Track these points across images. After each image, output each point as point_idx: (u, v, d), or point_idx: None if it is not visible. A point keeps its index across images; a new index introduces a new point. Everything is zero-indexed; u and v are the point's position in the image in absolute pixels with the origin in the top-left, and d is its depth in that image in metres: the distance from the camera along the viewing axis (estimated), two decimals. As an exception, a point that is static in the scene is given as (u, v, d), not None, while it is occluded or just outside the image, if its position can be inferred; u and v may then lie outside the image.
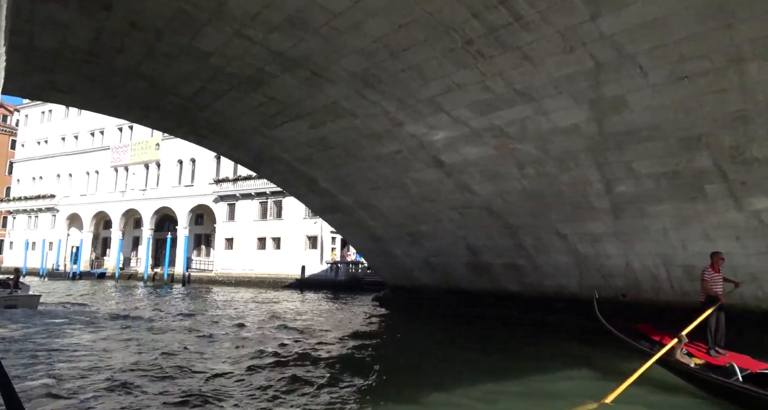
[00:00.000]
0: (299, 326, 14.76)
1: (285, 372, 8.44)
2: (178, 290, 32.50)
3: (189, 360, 9.41)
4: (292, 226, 35.08)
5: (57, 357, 9.42)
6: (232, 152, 16.58)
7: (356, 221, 18.25)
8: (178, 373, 8.22)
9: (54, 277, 43.89)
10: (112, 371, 8.28)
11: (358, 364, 9.75)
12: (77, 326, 14.01)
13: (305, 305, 23.82)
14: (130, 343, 11.33)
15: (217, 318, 16.79)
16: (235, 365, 9.08)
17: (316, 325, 15.44)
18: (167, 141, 43.02)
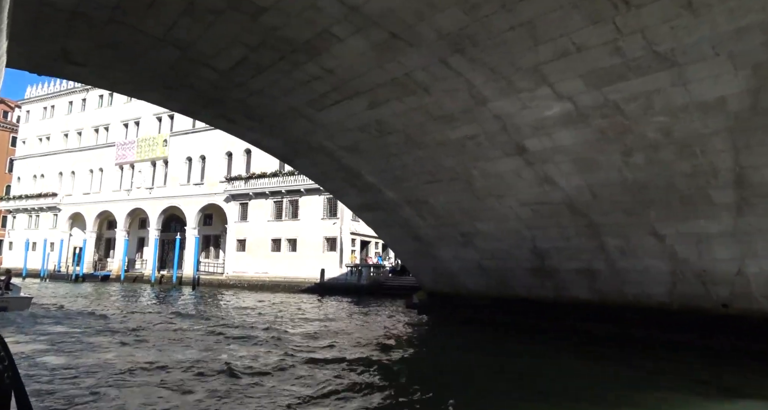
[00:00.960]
0: (339, 339, 12.82)
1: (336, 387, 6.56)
2: (188, 294, 30.48)
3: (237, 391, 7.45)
4: (309, 227, 33.11)
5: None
6: (263, 141, 14.60)
7: (399, 220, 16.28)
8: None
9: (55, 279, 41.85)
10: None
11: (413, 380, 7.91)
12: (75, 335, 12.05)
13: (331, 311, 21.83)
14: (137, 356, 9.38)
15: (244, 325, 14.84)
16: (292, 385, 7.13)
17: (357, 337, 13.48)
18: (176, 137, 41.09)
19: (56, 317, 17.27)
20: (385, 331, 15.49)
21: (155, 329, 14.01)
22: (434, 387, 8.12)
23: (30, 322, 14.80)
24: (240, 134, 14.49)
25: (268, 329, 14.29)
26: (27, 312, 16.50)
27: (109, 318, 16.71)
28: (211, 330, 13.77)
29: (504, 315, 16.23)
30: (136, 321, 15.88)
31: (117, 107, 46.07)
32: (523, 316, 15.71)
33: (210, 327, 14.43)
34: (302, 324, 16.30)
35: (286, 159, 15.56)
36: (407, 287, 29.34)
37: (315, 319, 17.87)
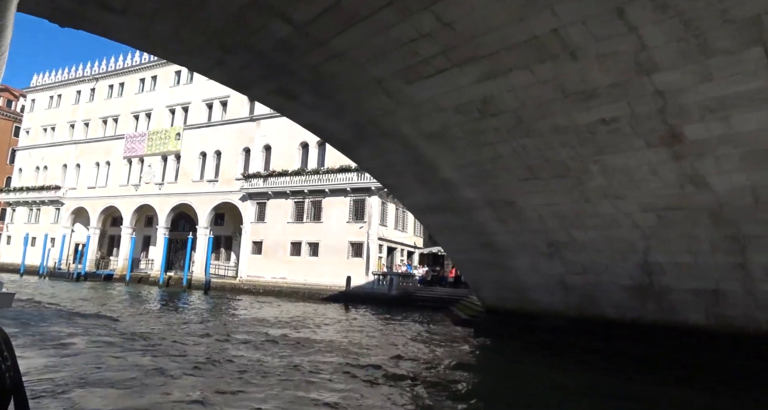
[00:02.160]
0: (402, 369, 10.42)
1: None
2: (201, 299, 28.01)
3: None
4: (332, 230, 30.71)
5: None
6: (325, 123, 12.24)
7: (471, 225, 13.94)
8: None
9: (55, 277, 39.31)
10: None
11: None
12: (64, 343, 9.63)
13: (366, 326, 19.40)
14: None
15: (274, 341, 12.43)
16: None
17: (426, 368, 11.07)
18: (190, 131, 38.79)
19: (49, 319, 14.87)
20: (458, 364, 13.04)
21: (169, 349, 11.57)
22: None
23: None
24: (296, 114, 12.13)
25: (315, 349, 11.89)
26: (5, 310, 15.53)
27: (112, 322, 14.29)
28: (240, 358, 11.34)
29: (586, 339, 13.87)
30: (145, 331, 13.45)
31: (127, 98, 43.80)
32: (609, 341, 13.37)
33: (239, 352, 12.00)
34: (345, 345, 13.87)
35: (346, 147, 13.19)
36: (439, 299, 27.02)
37: (358, 341, 15.44)
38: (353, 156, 13.66)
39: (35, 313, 17.13)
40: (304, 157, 33.45)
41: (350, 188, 30.30)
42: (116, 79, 45.14)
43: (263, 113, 35.38)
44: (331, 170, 31.05)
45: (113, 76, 45.36)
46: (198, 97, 39.14)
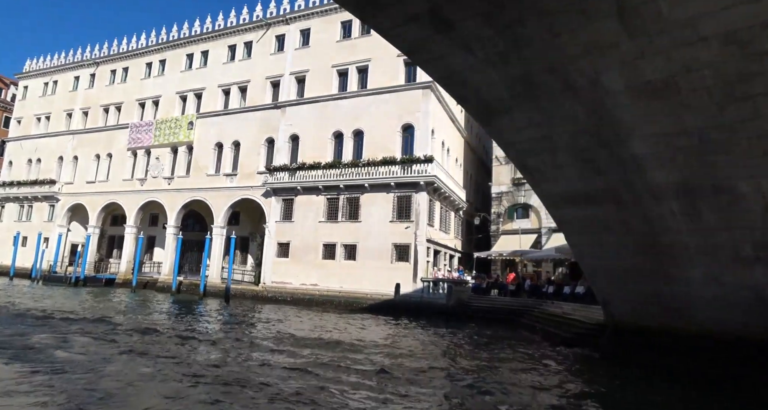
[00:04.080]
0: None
1: None
2: (222, 312, 24.16)
3: None
4: (373, 230, 27.01)
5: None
6: (473, 71, 8.48)
7: (636, 221, 10.40)
8: None
9: (50, 281, 35.15)
10: None
11: None
12: None
13: (434, 343, 15.78)
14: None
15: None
16: None
17: None
18: (203, 120, 34.93)
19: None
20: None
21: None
22: None
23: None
24: (435, 57, 8.41)
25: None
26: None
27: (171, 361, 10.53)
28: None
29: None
30: (207, 373, 9.71)
31: (132, 84, 39.79)
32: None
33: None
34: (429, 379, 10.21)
35: (488, 111, 9.48)
36: (502, 310, 23.42)
37: (456, 373, 11.77)
38: (493, 124, 9.98)
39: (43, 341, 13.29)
40: (338, 148, 29.74)
41: (394, 182, 26.64)
42: (119, 63, 41.11)
43: (289, 100, 31.63)
44: (373, 162, 27.36)
45: (116, 61, 41.33)
46: (213, 83, 35.30)
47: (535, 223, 29.40)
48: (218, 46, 35.79)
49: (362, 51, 29.87)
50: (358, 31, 30.22)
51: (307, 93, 31.19)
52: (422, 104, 27.62)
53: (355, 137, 29.28)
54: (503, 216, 31.02)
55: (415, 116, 27.61)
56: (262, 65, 33.40)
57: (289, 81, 32.07)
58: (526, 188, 30.08)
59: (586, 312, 18.10)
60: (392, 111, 28.19)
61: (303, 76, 31.67)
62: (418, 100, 27.75)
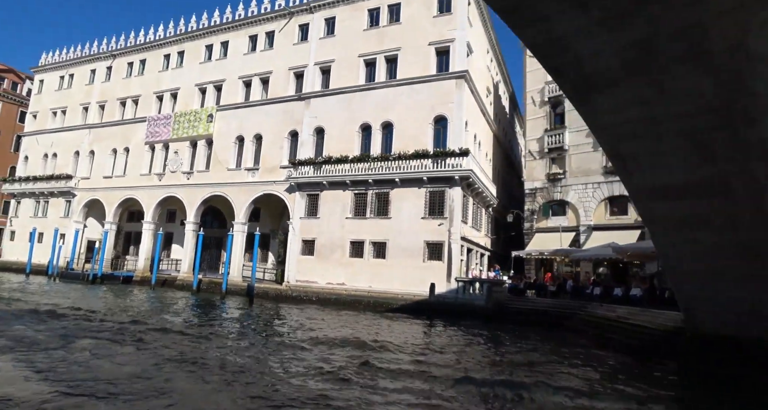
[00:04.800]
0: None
1: None
2: (250, 312, 23.00)
3: None
4: (404, 227, 25.69)
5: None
6: (580, 35, 7.11)
7: (744, 219, 9.00)
8: None
9: (67, 278, 34.24)
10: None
11: None
12: None
13: (482, 351, 14.44)
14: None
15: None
16: None
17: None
18: (224, 112, 33.80)
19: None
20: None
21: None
22: None
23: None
24: (547, 14, 6.97)
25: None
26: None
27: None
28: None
29: None
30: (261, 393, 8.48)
31: (150, 76, 38.76)
32: None
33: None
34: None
35: (587, 86, 8.03)
36: (544, 313, 21.98)
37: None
38: (590, 103, 8.57)
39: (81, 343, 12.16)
40: (365, 141, 28.43)
41: (427, 177, 25.29)
42: (136, 55, 40.09)
43: (314, 91, 30.36)
44: (404, 155, 26.00)
45: (133, 53, 40.32)
46: (233, 74, 34.12)
47: (572, 220, 27.91)
48: (239, 36, 34.61)
49: (391, 40, 28.51)
50: (387, 19, 28.87)
51: (333, 84, 29.89)
52: (456, 95, 26.22)
53: (383, 129, 27.95)
54: (537, 213, 29.55)
55: (448, 107, 26.22)
56: (284, 56, 32.16)
57: (313, 72, 30.79)
58: (562, 184, 28.60)
59: (647, 317, 16.65)
60: (424, 102, 26.82)
61: (328, 67, 30.37)
62: (452, 90, 26.34)
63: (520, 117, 50.51)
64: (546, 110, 30.26)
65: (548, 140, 29.40)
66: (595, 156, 27.35)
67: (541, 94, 30.56)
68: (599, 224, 26.70)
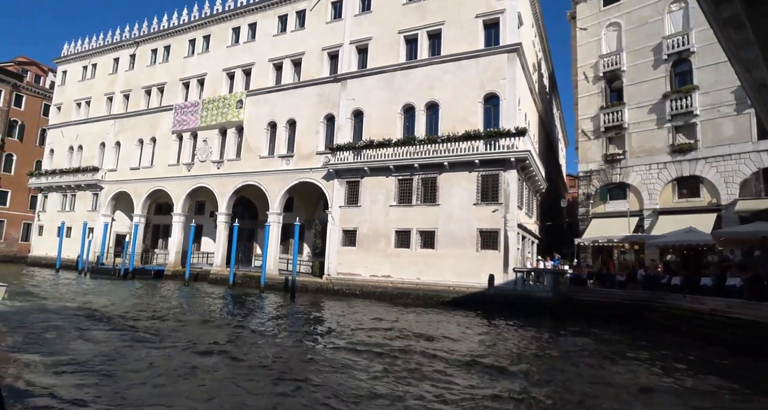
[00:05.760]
0: None
1: None
2: (294, 307, 21.51)
3: None
4: (454, 215, 23.88)
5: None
6: None
7: None
8: None
9: (98, 273, 33.19)
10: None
11: None
12: None
13: (576, 355, 12.61)
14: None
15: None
16: None
17: None
18: (254, 97, 32.20)
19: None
20: None
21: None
22: None
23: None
24: None
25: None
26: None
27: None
28: None
29: None
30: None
31: (175, 63, 37.29)
32: None
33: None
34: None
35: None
36: (616, 305, 20.01)
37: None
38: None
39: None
40: (408, 123, 26.56)
41: (479, 160, 23.37)
42: (160, 42, 38.65)
43: (350, 72, 28.52)
44: (453, 137, 24.10)
45: (157, 39, 38.89)
46: (263, 57, 32.43)
47: (634, 204, 25.74)
48: (267, 17, 32.85)
49: (433, 13, 26.48)
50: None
51: (371, 63, 28.00)
52: (508, 71, 24.16)
53: (428, 110, 26.03)
54: (594, 198, 27.44)
55: (500, 84, 24.17)
56: (317, 35, 30.33)
57: (348, 51, 28.92)
58: (621, 166, 26.42)
59: (755, 311, 14.62)
60: (472, 79, 24.82)
61: (365, 45, 28.47)
62: (503, 66, 24.28)
63: (557, 97, 48.08)
64: (600, 85, 27.98)
65: (604, 118, 27.17)
66: (660, 134, 25.09)
67: (594, 69, 28.27)
68: (666, 207, 24.52)
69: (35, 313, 15.44)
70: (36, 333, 12.24)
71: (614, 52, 27.40)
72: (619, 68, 26.94)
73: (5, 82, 49.24)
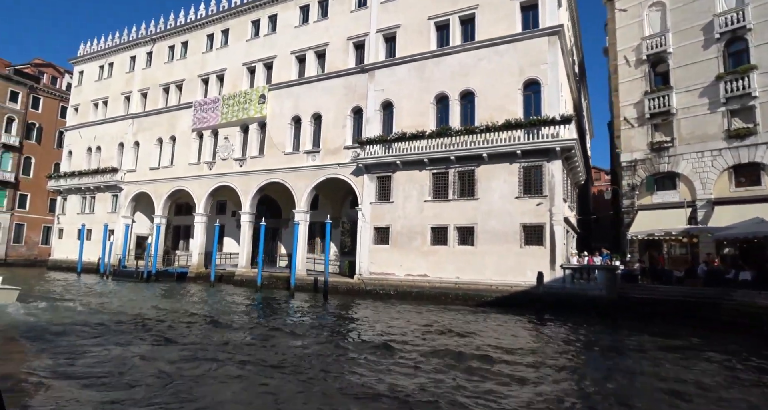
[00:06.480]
0: None
1: None
2: (330, 309, 20.30)
3: None
4: (494, 209, 22.49)
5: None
6: None
7: None
8: None
9: (120, 276, 32.36)
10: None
11: None
12: None
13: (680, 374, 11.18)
14: None
15: None
16: None
17: None
18: (276, 91, 31.05)
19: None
20: None
21: None
22: None
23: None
24: None
25: None
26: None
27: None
28: None
29: None
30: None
31: (193, 59, 36.29)
32: None
33: None
34: None
35: None
36: (673, 303, 18.50)
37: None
38: None
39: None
40: (441, 114, 25.19)
41: (520, 151, 21.94)
42: (177, 38, 37.69)
43: (378, 61, 27.21)
44: (493, 127, 22.68)
45: (173, 36, 37.93)
46: (285, 50, 31.25)
47: (685, 195, 24.10)
48: (288, 8, 31.66)
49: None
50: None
51: (399, 52, 26.66)
52: (549, 55, 22.67)
53: (462, 99, 24.64)
54: (639, 189, 25.83)
55: (541, 70, 22.70)
56: (341, 25, 29.06)
57: (375, 40, 27.60)
58: (670, 154, 24.77)
59: None
60: (510, 65, 23.37)
61: (393, 34, 27.14)
62: (544, 50, 22.79)
63: (585, 86, 46.37)
64: (644, 69, 26.31)
65: (649, 103, 25.52)
66: (713, 118, 23.41)
67: (636, 53, 26.60)
68: (722, 197, 22.86)
69: (73, 319, 14.39)
70: (65, 338, 11.15)
71: (658, 34, 25.73)
72: (664, 50, 25.27)
73: (22, 85, 48.77)
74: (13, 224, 47.91)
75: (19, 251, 48.18)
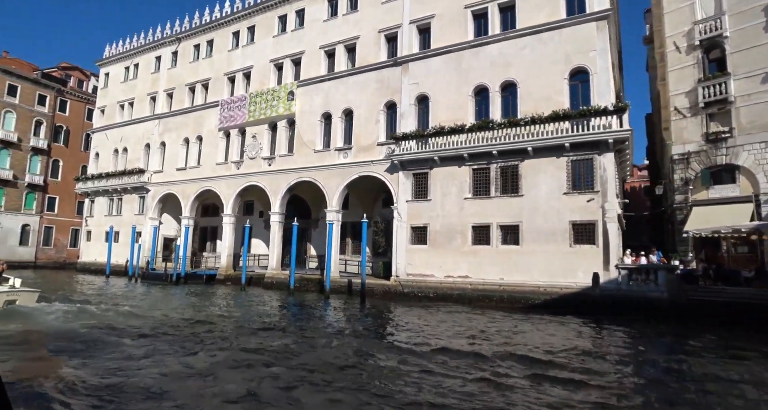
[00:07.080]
0: None
1: None
2: (365, 313, 19.26)
3: None
4: (540, 206, 21.17)
5: None
6: None
7: None
8: None
9: (149, 279, 31.85)
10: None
11: None
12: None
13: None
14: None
15: None
16: None
17: None
18: (305, 88, 30.15)
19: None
20: None
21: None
22: None
23: None
24: None
25: None
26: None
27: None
28: None
29: None
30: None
31: (219, 57, 35.65)
32: None
33: None
34: None
35: None
36: (744, 307, 17.00)
37: None
38: None
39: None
40: (481, 107, 23.95)
41: (569, 144, 20.58)
42: (203, 36, 37.11)
43: (412, 54, 26.08)
44: (539, 119, 21.37)
45: (198, 34, 37.37)
46: (313, 45, 30.34)
47: (746, 189, 22.43)
48: (316, 2, 30.73)
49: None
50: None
51: (434, 44, 25.50)
52: (599, 41, 21.28)
53: (503, 90, 23.36)
54: (693, 183, 24.20)
55: (589, 57, 21.32)
56: (372, 17, 28.02)
57: (408, 32, 26.49)
58: (728, 145, 23.10)
59: None
60: (555, 54, 22.03)
61: (427, 24, 25.98)
62: (592, 36, 21.40)
63: (622, 77, 44.45)
64: (696, 56, 24.67)
65: (704, 92, 23.88)
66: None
67: (687, 38, 24.97)
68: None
69: (114, 326, 13.61)
70: (105, 344, 10.30)
71: (713, 17, 24.07)
72: (720, 34, 23.60)
73: (50, 88, 48.93)
74: (42, 226, 48.11)
75: (49, 253, 48.36)
